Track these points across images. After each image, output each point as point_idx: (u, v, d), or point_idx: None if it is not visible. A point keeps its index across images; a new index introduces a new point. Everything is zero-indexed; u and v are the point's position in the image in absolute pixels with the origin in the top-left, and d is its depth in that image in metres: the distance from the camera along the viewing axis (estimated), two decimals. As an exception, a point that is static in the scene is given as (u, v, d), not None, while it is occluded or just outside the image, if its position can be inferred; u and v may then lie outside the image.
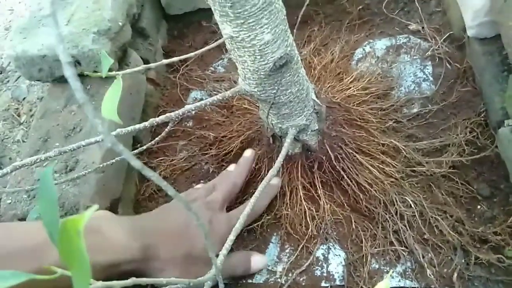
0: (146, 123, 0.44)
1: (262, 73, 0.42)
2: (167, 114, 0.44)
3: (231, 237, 0.39)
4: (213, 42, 0.73)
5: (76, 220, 0.16)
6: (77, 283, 0.16)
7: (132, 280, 0.25)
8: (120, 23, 0.62)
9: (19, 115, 0.85)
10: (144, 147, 0.50)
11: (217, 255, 0.47)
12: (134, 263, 0.45)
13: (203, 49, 0.44)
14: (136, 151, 0.52)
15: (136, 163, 0.19)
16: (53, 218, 0.19)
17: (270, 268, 0.56)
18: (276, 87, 0.45)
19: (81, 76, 0.65)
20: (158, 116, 0.45)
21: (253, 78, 0.43)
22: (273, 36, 0.38)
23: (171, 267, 0.47)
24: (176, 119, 0.45)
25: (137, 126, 0.43)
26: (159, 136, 0.48)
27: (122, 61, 0.66)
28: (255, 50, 0.39)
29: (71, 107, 0.64)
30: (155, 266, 0.46)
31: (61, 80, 0.65)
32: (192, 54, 0.48)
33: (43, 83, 0.68)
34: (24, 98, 0.87)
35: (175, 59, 0.47)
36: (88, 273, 0.18)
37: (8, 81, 0.91)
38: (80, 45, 0.58)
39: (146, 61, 0.73)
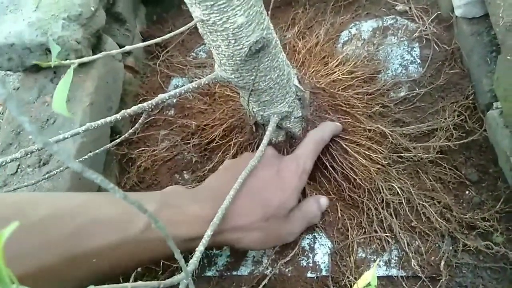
0: (118, 115, 0.41)
1: (237, 58, 0.40)
2: (140, 105, 0.42)
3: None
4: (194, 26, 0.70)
5: None
6: None
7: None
8: (93, 8, 0.59)
9: (-5, 107, 0.82)
10: (118, 139, 0.48)
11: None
12: (213, 235, 0.42)
13: (182, 29, 0.41)
14: (113, 142, 0.49)
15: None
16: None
17: (255, 259, 0.54)
18: (254, 73, 0.42)
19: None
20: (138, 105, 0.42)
21: (228, 64, 0.41)
22: (246, 19, 0.36)
23: (249, 233, 0.45)
24: (150, 109, 0.42)
25: (108, 119, 0.41)
26: (133, 128, 0.45)
27: (96, 48, 0.63)
28: (228, 34, 0.37)
29: (44, 98, 0.61)
30: (234, 236, 0.45)
31: (33, 70, 0.62)
32: (171, 34, 0.46)
33: (14, 73, 0.65)
34: (-1, 89, 0.83)
35: (149, 42, 0.44)
36: None
37: (-19, 72, 0.87)
38: (49, 32, 0.55)
39: (122, 47, 0.70)
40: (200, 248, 0.36)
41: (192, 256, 0.34)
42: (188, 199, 0.45)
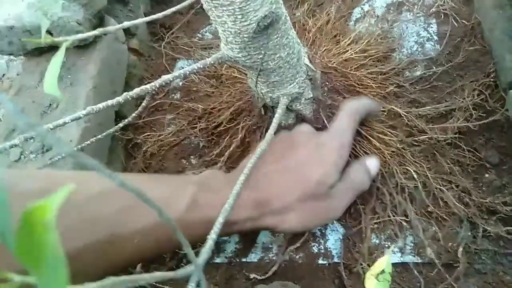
0: (120, 98, 0.39)
1: (245, 35, 0.37)
2: (142, 87, 0.40)
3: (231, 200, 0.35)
4: (199, 5, 0.67)
5: (44, 207, 0.12)
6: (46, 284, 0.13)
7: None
8: (93, -13, 0.57)
9: (-1, 93, 0.81)
10: (122, 124, 0.46)
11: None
12: (249, 221, 0.42)
13: (183, 4, 0.39)
14: (116, 127, 0.48)
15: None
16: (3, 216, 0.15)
17: (265, 245, 0.53)
18: (262, 52, 0.40)
19: (55, 48, 0.60)
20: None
21: (235, 41, 0.38)
22: (254, -9, 0.33)
23: (289, 215, 0.42)
24: (153, 91, 0.40)
25: (110, 102, 0.39)
26: (136, 112, 0.43)
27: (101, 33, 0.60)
28: (235, 8, 0.34)
29: (47, 82, 0.59)
30: (274, 220, 0.43)
31: (35, 53, 0.60)
32: (173, 9, 0.44)
33: (16, 57, 0.63)
34: (4, 75, 0.82)
35: (147, 18, 0.42)
36: (64, 279, 0.13)
37: (-15, 57, 0.86)
38: (49, 13, 0.53)
39: (126, 30, 0.68)
40: (213, 236, 0.34)
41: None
42: (226, 183, 0.43)
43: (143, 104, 0.42)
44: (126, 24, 0.38)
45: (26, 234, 0.13)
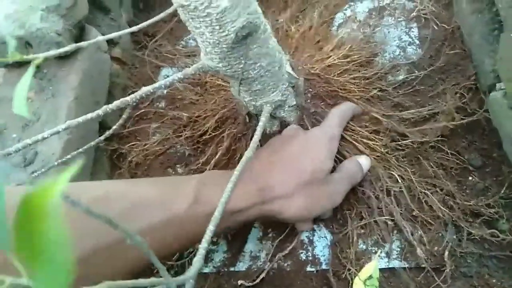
0: (100, 111, 0.39)
1: (224, 45, 0.37)
2: (122, 99, 0.39)
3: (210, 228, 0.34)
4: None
5: (46, 190, 0.11)
6: (46, 280, 0.12)
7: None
8: (73, -3, 0.56)
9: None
10: (103, 136, 0.45)
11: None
12: (255, 208, 0.44)
13: (162, 15, 0.39)
14: (97, 140, 0.47)
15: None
16: None
17: (253, 254, 0.53)
18: (242, 61, 0.40)
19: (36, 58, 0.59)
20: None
21: (215, 52, 0.38)
22: (230, 3, 0.33)
23: (291, 201, 0.44)
24: (134, 103, 0.40)
25: (89, 115, 0.38)
26: (117, 124, 0.43)
27: (79, 40, 0.60)
28: (212, 19, 0.34)
29: (28, 94, 0.58)
30: (276, 206, 0.44)
31: (15, 65, 0.59)
32: (156, 19, 0.43)
33: (-5, 68, 0.62)
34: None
35: (131, 29, 0.42)
36: (67, 272, 0.12)
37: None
38: (27, 24, 0.52)
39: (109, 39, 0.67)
40: (204, 245, 0.33)
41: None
42: (226, 178, 0.43)
43: (124, 116, 0.41)
44: (109, 36, 0.37)
45: (25, 224, 0.12)
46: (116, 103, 0.39)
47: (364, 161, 0.51)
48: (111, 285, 0.20)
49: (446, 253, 0.46)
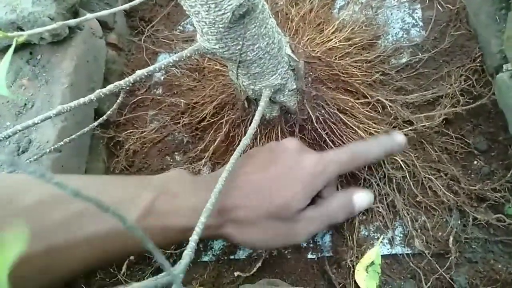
0: (92, 96, 0.37)
1: (220, 25, 0.35)
2: (116, 83, 0.38)
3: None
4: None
5: None
6: None
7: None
8: (65, -20, 0.54)
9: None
10: (96, 122, 0.44)
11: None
12: (210, 228, 0.40)
13: None
14: (90, 126, 0.46)
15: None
16: None
17: (252, 242, 0.52)
18: (240, 42, 0.38)
19: (28, 44, 0.58)
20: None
21: (211, 32, 0.37)
22: (226, -22, 0.31)
23: (252, 228, 0.41)
24: (127, 87, 0.38)
25: (81, 100, 0.37)
26: (111, 109, 0.41)
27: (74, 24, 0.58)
28: (207, -3, 0.32)
29: (21, 81, 0.57)
30: (234, 230, 0.41)
31: (6, 51, 0.58)
32: None
33: (-12, 55, 0.60)
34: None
35: (123, 7, 0.41)
36: None
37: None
38: (18, 9, 0.51)
39: (104, 24, 0.66)
40: (194, 237, 0.32)
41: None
42: (189, 187, 0.42)
43: (118, 101, 0.40)
44: (101, 13, 0.36)
45: None
46: (109, 87, 0.38)
47: (362, 198, 0.46)
48: None
49: (451, 238, 0.45)
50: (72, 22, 0.40)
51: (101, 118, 0.43)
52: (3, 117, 0.54)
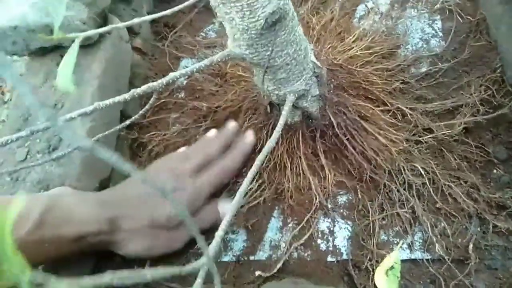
0: (127, 95, 0.39)
1: (253, 32, 0.37)
2: (149, 84, 0.40)
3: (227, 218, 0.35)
4: (202, 4, 0.67)
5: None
6: None
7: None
8: (97, -14, 0.57)
9: (3, 93, 0.80)
10: (128, 121, 0.46)
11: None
12: (101, 235, 0.45)
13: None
14: (122, 124, 0.48)
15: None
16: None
17: (273, 243, 0.53)
18: (270, 48, 0.40)
19: (59, 47, 0.60)
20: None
21: (243, 38, 0.38)
22: (263, -13, 0.33)
23: (137, 237, 0.47)
24: (160, 89, 0.40)
25: (117, 98, 0.39)
26: (143, 109, 0.43)
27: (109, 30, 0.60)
28: (243, 4, 0.34)
29: (51, 82, 0.59)
30: (121, 238, 0.46)
31: (38, 54, 0.60)
32: (179, 7, 0.44)
33: (20, 57, 0.63)
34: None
35: (154, 16, 0.43)
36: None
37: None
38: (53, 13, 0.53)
39: (129, 29, 0.68)
40: (220, 233, 0.34)
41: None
42: (79, 200, 0.46)
43: (150, 101, 0.42)
44: (136, 20, 0.37)
45: None
46: (143, 88, 0.39)
47: (225, 206, 0.52)
48: (114, 276, 0.20)
49: (471, 245, 0.46)
50: (107, 28, 0.42)
51: (133, 117, 0.44)
52: (34, 116, 0.56)
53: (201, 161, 0.52)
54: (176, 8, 0.49)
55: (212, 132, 0.58)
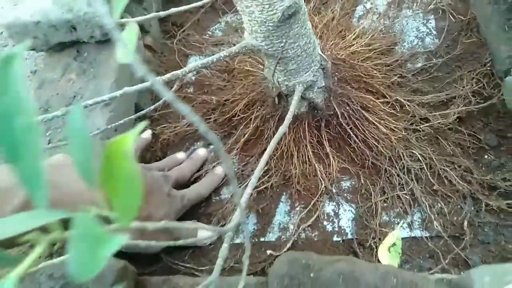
0: (148, 83, 0.42)
1: (270, 24, 0.41)
2: (173, 72, 0.43)
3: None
4: (209, 4, 0.71)
5: (122, 141, 0.15)
6: (123, 205, 0.16)
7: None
8: (114, -15, 0.60)
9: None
10: (144, 111, 0.49)
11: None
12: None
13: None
14: (135, 115, 0.51)
15: (168, 95, 0.18)
16: (87, 156, 0.18)
17: (281, 226, 0.56)
18: (284, 40, 0.44)
19: (75, 43, 0.63)
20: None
21: (260, 30, 0.42)
22: (282, -17, 0.37)
23: None
24: (183, 76, 0.44)
25: (139, 86, 0.42)
26: (158, 103, 0.47)
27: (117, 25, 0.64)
28: (264, -2, 0.38)
29: (69, 76, 0.62)
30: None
31: (57, 49, 0.63)
32: (190, 6, 0.47)
33: (38, 52, 0.66)
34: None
35: (167, 12, 0.46)
36: (138, 193, 0.17)
37: (-2, 56, 0.88)
38: (75, 9, 0.56)
39: (141, 27, 0.71)
40: (248, 191, 0.37)
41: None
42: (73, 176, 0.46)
43: (174, 87, 0.45)
44: (149, 16, 0.41)
45: (107, 165, 0.17)
46: (167, 75, 0.43)
47: (203, 233, 0.55)
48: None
49: (465, 222, 0.50)
50: (126, 20, 0.45)
51: (160, 101, 0.47)
52: (54, 107, 0.59)
53: (167, 164, 0.58)
54: (185, 7, 0.53)
55: (181, 154, 0.63)
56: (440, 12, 0.66)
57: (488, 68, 0.58)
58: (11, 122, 0.13)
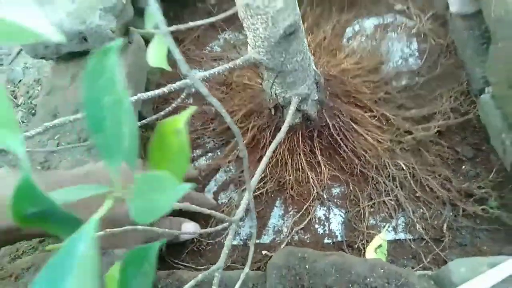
0: (165, 89, 0.47)
1: (272, 40, 0.46)
2: (183, 81, 0.47)
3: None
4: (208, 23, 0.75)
5: (174, 121, 0.19)
6: (174, 170, 0.20)
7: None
8: (124, 1, 0.64)
9: (15, 98, 0.85)
10: (146, 120, 0.53)
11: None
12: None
13: (203, 21, 0.47)
14: (138, 123, 0.55)
15: (204, 90, 0.22)
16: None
17: (276, 229, 0.60)
18: (284, 55, 0.48)
19: (87, 53, 0.67)
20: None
21: (263, 45, 0.47)
22: (284, 4, 0.42)
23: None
24: (191, 86, 0.48)
25: (151, 93, 0.46)
26: (163, 111, 0.50)
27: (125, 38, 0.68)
28: (268, 17, 0.43)
29: (77, 84, 0.65)
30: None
31: (66, 58, 0.67)
32: (196, 23, 0.52)
33: (47, 60, 0.69)
34: (20, 81, 0.87)
35: (174, 27, 0.50)
36: (186, 160, 0.21)
37: (1, 64, 0.91)
38: (87, 21, 0.60)
39: (146, 40, 0.75)
40: (245, 200, 0.41)
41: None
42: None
43: (182, 96, 0.49)
44: (153, 30, 0.45)
45: (159, 141, 0.21)
46: (178, 84, 0.47)
47: (189, 226, 0.56)
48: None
49: (445, 226, 0.54)
50: (136, 29, 0.50)
51: (172, 105, 0.51)
52: (62, 114, 0.62)
53: None
54: (189, 24, 0.57)
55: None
56: (422, 35, 0.73)
57: (465, 87, 0.64)
58: (101, 100, 0.17)
